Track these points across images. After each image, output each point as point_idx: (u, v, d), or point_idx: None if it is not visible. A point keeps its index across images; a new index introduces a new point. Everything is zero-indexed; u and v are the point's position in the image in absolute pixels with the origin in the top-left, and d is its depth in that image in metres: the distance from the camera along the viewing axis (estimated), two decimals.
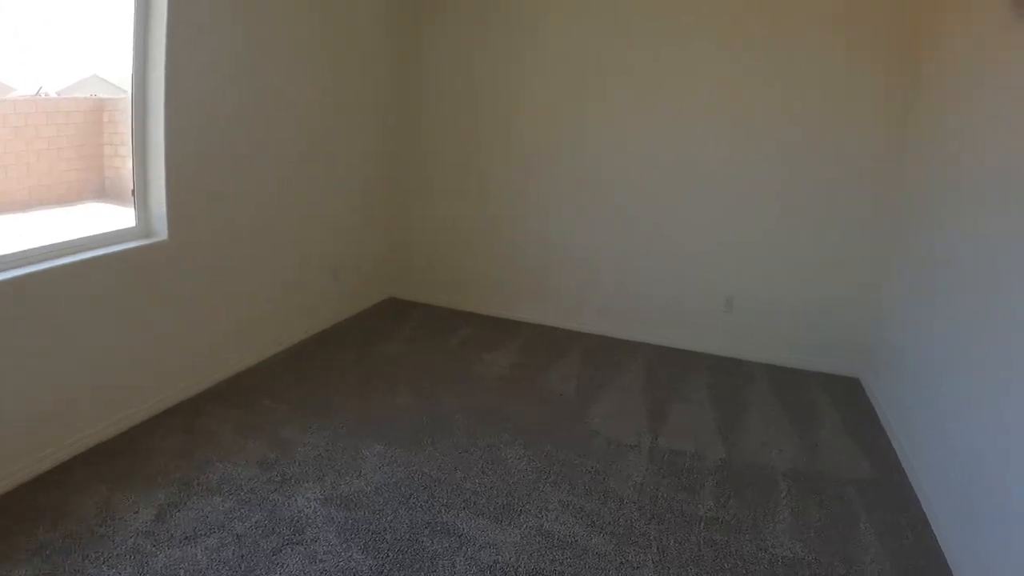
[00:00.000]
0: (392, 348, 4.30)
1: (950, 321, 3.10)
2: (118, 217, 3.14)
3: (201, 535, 2.41)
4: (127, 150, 3.07)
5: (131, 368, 3.04)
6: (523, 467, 3.03)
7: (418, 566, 2.34)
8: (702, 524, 2.72)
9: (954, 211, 3.24)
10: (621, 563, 2.44)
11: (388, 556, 2.38)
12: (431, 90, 4.86)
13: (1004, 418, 2.39)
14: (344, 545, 2.42)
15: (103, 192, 3.42)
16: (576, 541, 2.54)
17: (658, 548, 2.54)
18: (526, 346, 4.50)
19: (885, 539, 2.72)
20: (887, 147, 4.05)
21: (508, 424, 3.41)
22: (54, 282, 2.65)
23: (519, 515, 2.67)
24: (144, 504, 2.55)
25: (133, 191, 3.08)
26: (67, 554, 2.24)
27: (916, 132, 3.89)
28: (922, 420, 3.27)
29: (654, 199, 4.55)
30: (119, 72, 3.22)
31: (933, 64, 3.73)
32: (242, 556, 2.32)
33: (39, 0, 3.02)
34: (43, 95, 3.22)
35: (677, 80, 4.35)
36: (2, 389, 2.47)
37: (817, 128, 4.14)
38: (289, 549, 2.37)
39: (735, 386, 4.13)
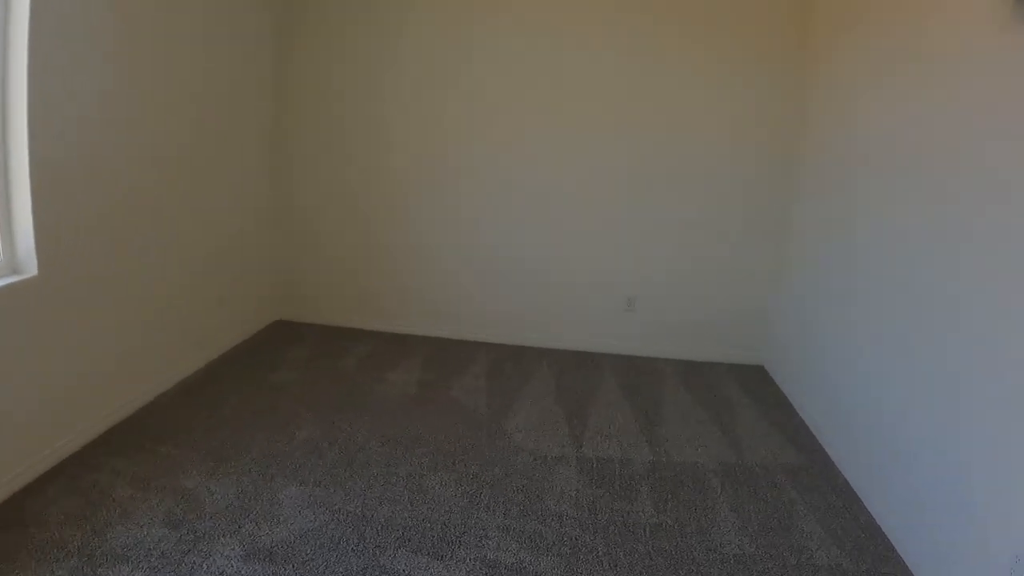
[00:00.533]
0: (288, 376, 3.87)
1: (839, 301, 3.41)
2: None
3: None
4: None
5: (5, 425, 2.49)
6: (452, 494, 2.76)
7: None
8: (647, 532, 2.59)
9: (835, 206, 3.52)
10: None
11: None
12: (310, 109, 4.45)
13: (892, 380, 2.75)
14: None
15: None
16: (524, 567, 2.32)
17: (609, 563, 2.38)
18: (428, 362, 4.22)
19: (825, 522, 2.72)
20: (778, 146, 4.19)
21: (426, 448, 3.12)
22: None
23: (459, 547, 2.40)
24: None
25: None
26: None
27: (805, 134, 4.08)
28: (828, 398, 3.43)
29: (549, 204, 4.42)
30: None
31: (819, 77, 3.90)
32: None
33: None
34: None
35: (571, 86, 4.26)
36: None
37: (710, 130, 4.22)
38: None
39: (647, 385, 4.07)
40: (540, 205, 4.43)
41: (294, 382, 3.78)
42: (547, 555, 2.40)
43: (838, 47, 3.69)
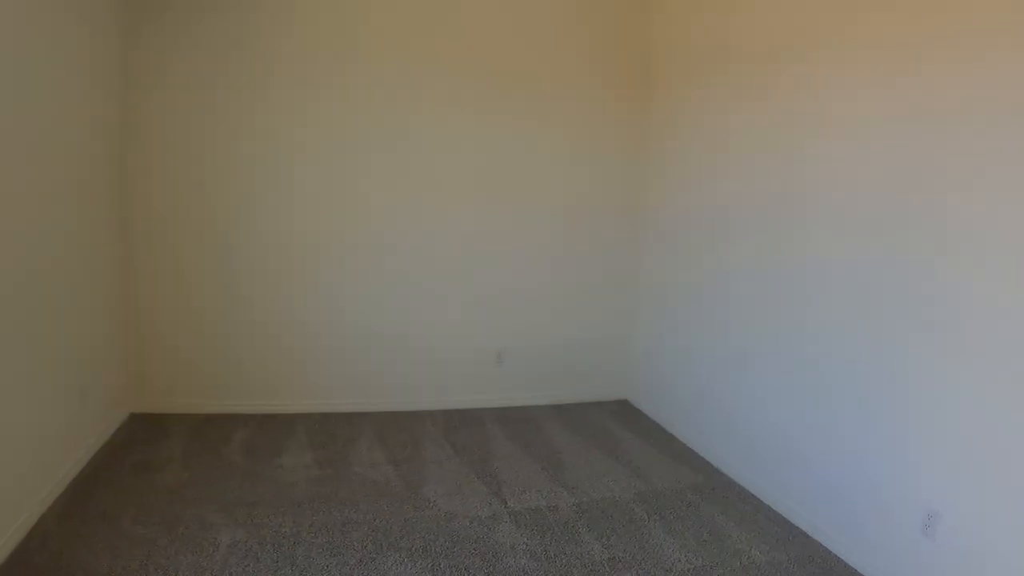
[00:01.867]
0: (175, 475, 3.38)
1: (684, 324, 4.19)
2: None
3: None
4: None
5: None
6: (412, 571, 2.64)
7: None
8: (607, 566, 2.76)
9: (680, 254, 4.22)
10: None
11: None
12: (157, 165, 4.01)
13: (761, 389, 3.46)
14: None
15: None
16: None
17: None
18: (313, 439, 3.95)
19: (744, 526, 3.14)
20: (626, 207, 4.77)
21: (361, 530, 2.95)
22: None
23: None
24: None
25: None
26: None
27: (648, 195, 4.72)
28: (700, 417, 4.00)
29: (414, 271, 4.46)
30: None
31: (656, 150, 4.55)
32: None
33: None
34: None
35: (430, 156, 4.38)
36: None
37: (567, 194, 4.66)
38: None
39: (534, 432, 4.25)
40: (404, 272, 4.44)
41: (183, 484, 3.31)
42: None
43: (673, 128, 4.37)
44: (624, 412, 4.66)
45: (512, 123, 4.47)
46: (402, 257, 4.43)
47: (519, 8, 4.42)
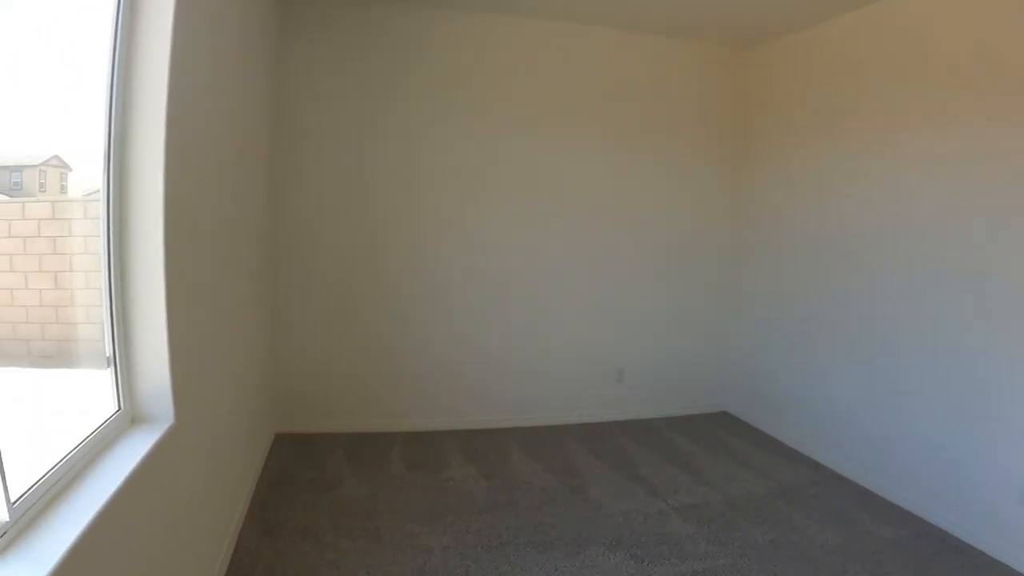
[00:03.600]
0: (350, 493, 3.64)
1: (782, 339, 4.69)
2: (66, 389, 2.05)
3: None
4: (76, 280, 2.02)
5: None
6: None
7: None
8: (773, 547, 3.17)
9: (777, 264, 4.69)
10: None
11: None
12: (304, 191, 4.38)
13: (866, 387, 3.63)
14: None
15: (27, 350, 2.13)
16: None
17: (773, 564, 2.86)
18: (468, 454, 4.27)
19: (865, 512, 3.61)
20: (726, 233, 5.23)
21: (559, 533, 3.28)
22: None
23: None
24: None
25: (110, 358, 2.08)
26: None
27: (747, 209, 5.18)
28: (802, 422, 4.52)
29: (544, 294, 4.86)
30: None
31: (760, 157, 5.02)
32: None
33: None
34: None
35: (558, 188, 4.81)
36: None
37: (679, 222, 5.11)
38: None
39: (659, 440, 4.65)
40: (534, 298, 4.85)
41: (368, 497, 3.61)
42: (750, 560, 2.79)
43: (769, 156, 4.91)
44: (728, 421, 5.13)
45: (631, 163, 4.95)
46: (532, 284, 4.84)
47: (641, 70, 4.92)
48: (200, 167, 2.52)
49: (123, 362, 2.14)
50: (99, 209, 2.03)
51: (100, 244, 2.03)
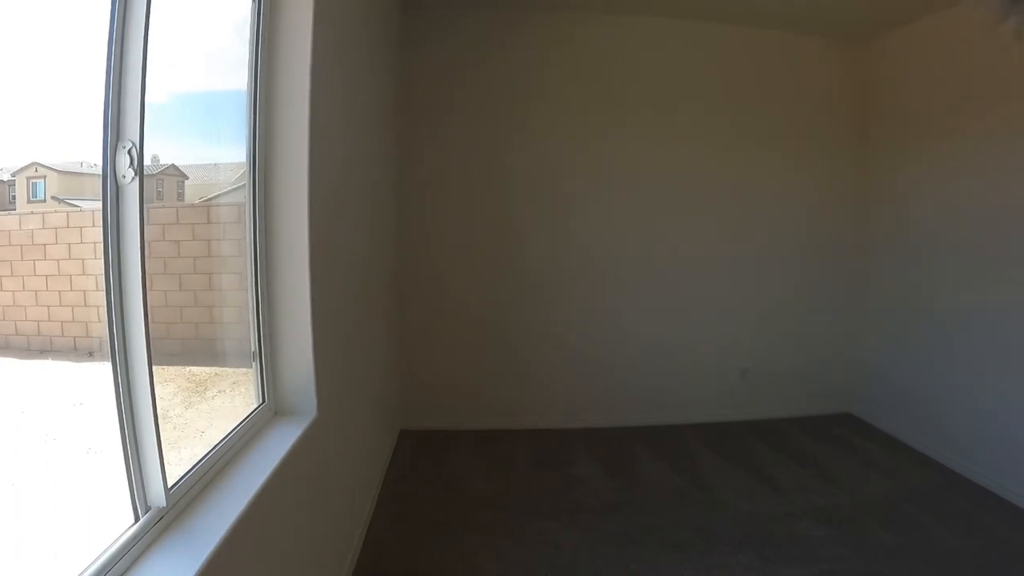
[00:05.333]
0: (480, 488, 3.69)
1: (929, 338, 4.28)
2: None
3: None
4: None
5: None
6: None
7: None
8: (903, 551, 3.00)
9: (908, 263, 4.46)
10: None
11: None
12: (427, 197, 4.53)
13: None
14: None
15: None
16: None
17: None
18: (592, 452, 4.25)
19: (996, 516, 3.37)
20: (852, 231, 4.95)
21: (689, 532, 3.21)
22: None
23: None
24: None
25: (256, 352, 2.22)
26: None
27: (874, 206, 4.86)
28: (931, 426, 4.22)
29: (671, 294, 4.79)
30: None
31: (883, 150, 4.74)
32: None
33: None
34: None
35: (687, 197, 4.74)
36: None
37: (804, 223, 4.91)
38: None
39: (784, 441, 4.48)
40: (657, 300, 4.78)
41: (497, 492, 3.65)
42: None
43: (894, 151, 4.62)
44: (854, 424, 4.84)
45: (754, 160, 4.79)
46: (654, 285, 4.78)
47: (761, 65, 4.78)
48: (338, 178, 2.65)
49: (268, 358, 2.27)
50: (232, 213, 2.17)
51: (247, 249, 2.16)
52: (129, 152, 1.40)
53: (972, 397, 3.86)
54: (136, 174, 1.41)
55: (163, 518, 1.50)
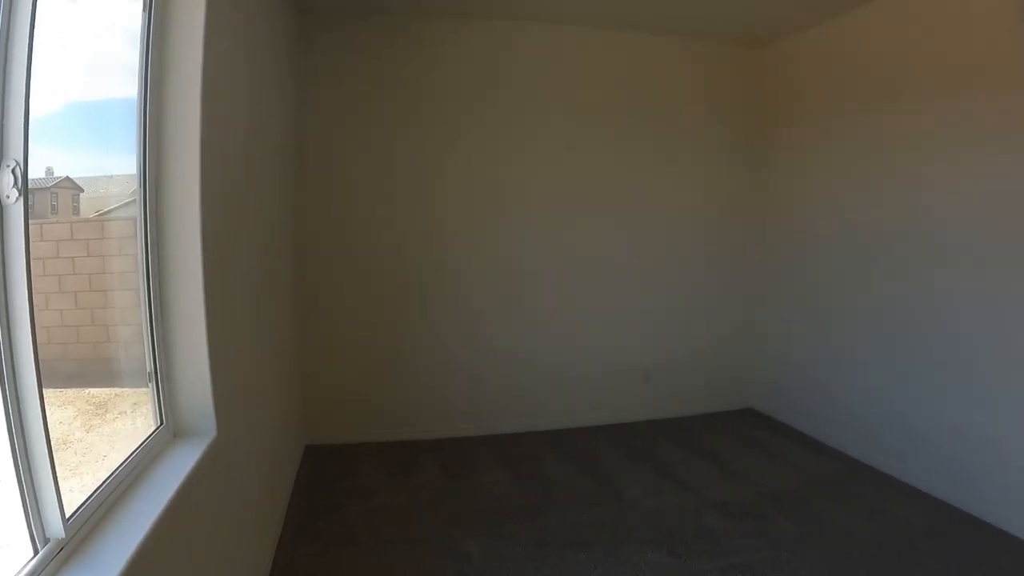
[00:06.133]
0: (387, 501, 3.65)
1: (823, 334, 4.60)
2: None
3: None
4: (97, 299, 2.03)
5: None
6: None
7: None
8: (807, 539, 3.17)
9: (801, 259, 4.67)
10: None
11: None
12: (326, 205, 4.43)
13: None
14: None
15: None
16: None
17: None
18: (498, 458, 4.27)
19: (896, 500, 3.60)
20: (752, 233, 5.22)
21: (597, 532, 3.29)
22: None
23: None
24: None
25: (151, 372, 2.10)
26: None
27: (769, 206, 5.15)
28: (830, 416, 4.50)
29: (563, 303, 4.87)
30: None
31: (778, 154, 5.03)
32: None
33: None
34: None
35: (579, 191, 4.83)
36: None
37: (699, 224, 5.12)
38: None
39: (688, 438, 4.66)
40: (557, 306, 4.86)
41: (405, 504, 3.62)
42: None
43: (787, 153, 4.94)
44: (754, 417, 5.12)
45: (651, 164, 4.96)
46: (556, 289, 4.85)
47: (657, 71, 4.95)
48: (232, 187, 2.56)
49: (164, 378, 2.17)
50: (127, 228, 2.07)
51: (138, 263, 2.06)
52: (13, 171, 1.32)
53: (866, 388, 4.14)
54: (20, 194, 1.33)
55: (63, 549, 1.42)
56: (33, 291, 1.36)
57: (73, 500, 1.45)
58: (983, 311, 3.37)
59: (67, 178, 1.81)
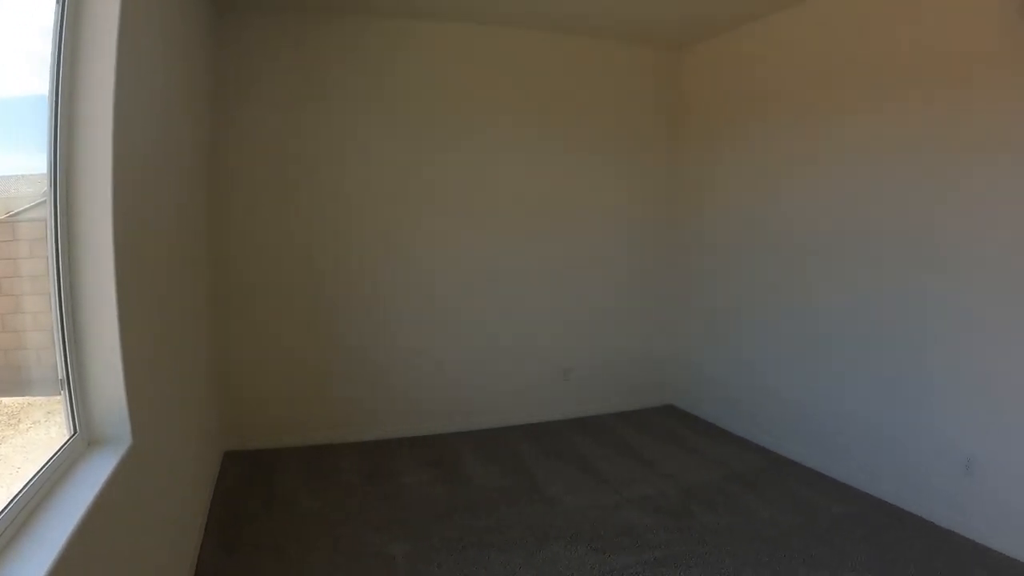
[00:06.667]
0: (308, 506, 3.57)
1: (726, 334, 4.89)
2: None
3: None
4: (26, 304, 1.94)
5: None
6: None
7: None
8: (728, 531, 3.31)
9: (716, 260, 4.83)
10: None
11: None
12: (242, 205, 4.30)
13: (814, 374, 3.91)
14: None
15: None
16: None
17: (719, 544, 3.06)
18: (420, 459, 4.27)
19: (815, 491, 3.78)
20: (664, 239, 5.39)
21: (520, 531, 3.35)
22: None
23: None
24: None
25: (63, 378, 2.00)
26: None
27: (685, 208, 5.35)
28: (747, 411, 4.70)
29: (483, 297, 4.89)
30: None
31: (692, 157, 5.21)
32: None
33: None
34: None
35: (499, 201, 4.88)
36: None
37: (617, 226, 5.25)
38: None
39: (611, 435, 4.78)
40: (480, 307, 4.89)
41: (326, 508, 3.56)
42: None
43: (702, 154, 5.12)
44: (676, 414, 5.30)
45: (571, 165, 5.05)
46: (475, 290, 4.87)
47: (580, 73, 5.04)
48: (145, 187, 2.46)
49: (77, 384, 2.08)
50: (39, 229, 1.97)
51: (49, 266, 1.96)
52: None
53: (781, 385, 4.36)
54: None
55: None
56: None
57: None
58: (854, 306, 3.73)
59: None
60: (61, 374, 2.04)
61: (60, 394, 2.02)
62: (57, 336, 2.02)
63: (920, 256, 3.44)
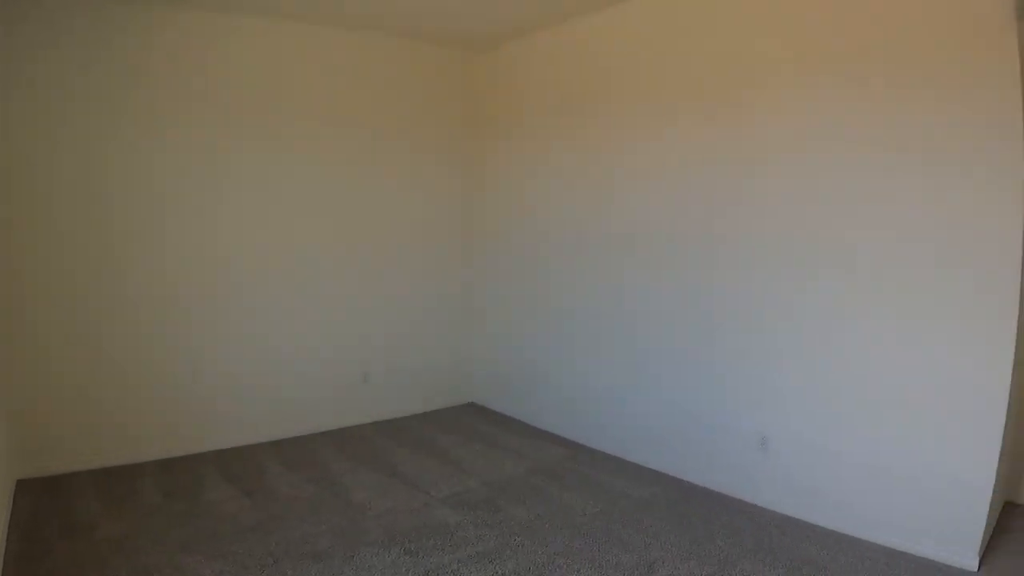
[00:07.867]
0: (109, 532, 3.30)
1: (517, 335, 5.26)
2: None
3: None
4: None
5: None
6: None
7: None
8: (537, 523, 3.53)
9: (514, 260, 5.17)
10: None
11: None
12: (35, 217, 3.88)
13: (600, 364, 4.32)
14: None
15: None
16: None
17: (530, 533, 3.29)
18: (224, 474, 4.11)
19: (618, 477, 4.13)
20: (460, 240, 5.58)
21: (331, 540, 3.33)
22: None
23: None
24: None
25: None
26: None
27: (484, 210, 5.54)
28: (543, 406, 5.04)
29: (278, 304, 4.78)
30: None
31: (500, 157, 5.36)
32: None
33: None
34: None
35: (288, 203, 4.77)
36: None
37: (412, 217, 5.31)
38: None
39: (414, 436, 4.87)
40: (273, 306, 4.77)
41: (129, 533, 3.31)
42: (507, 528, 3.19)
43: (503, 157, 5.33)
44: (476, 411, 5.48)
45: (370, 167, 5.07)
46: (269, 296, 4.74)
47: (381, 72, 5.08)
48: None
49: None
50: None
51: None
52: None
53: (577, 377, 4.68)
54: None
55: None
56: None
57: None
58: (647, 297, 4.17)
59: None
60: None
61: None
62: None
63: (708, 251, 3.85)
